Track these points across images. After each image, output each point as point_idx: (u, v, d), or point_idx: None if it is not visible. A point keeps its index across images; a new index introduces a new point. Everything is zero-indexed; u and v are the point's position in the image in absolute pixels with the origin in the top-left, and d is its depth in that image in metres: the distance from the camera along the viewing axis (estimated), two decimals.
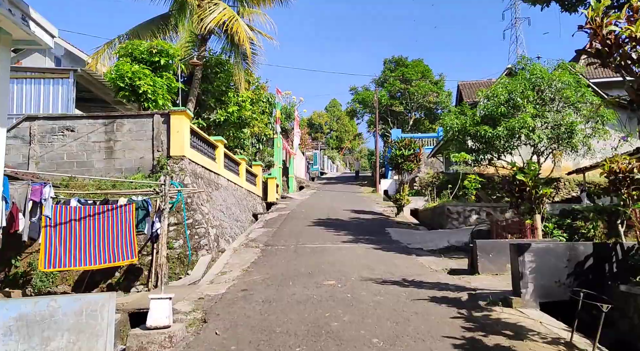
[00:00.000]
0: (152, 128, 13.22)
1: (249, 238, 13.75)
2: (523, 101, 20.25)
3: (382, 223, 16.51)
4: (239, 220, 16.98)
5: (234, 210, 16.80)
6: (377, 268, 8.97)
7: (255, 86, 22.75)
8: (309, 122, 71.05)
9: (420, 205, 20.06)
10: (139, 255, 11.69)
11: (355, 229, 14.81)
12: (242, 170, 20.13)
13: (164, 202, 10.49)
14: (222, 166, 16.91)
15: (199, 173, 14.19)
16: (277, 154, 30.05)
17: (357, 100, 42.30)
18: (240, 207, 18.15)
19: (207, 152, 15.46)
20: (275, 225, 16.14)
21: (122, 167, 13.26)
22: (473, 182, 17.31)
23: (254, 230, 15.58)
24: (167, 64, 15.37)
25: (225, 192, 16.65)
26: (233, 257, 11.37)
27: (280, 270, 9.41)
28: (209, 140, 15.69)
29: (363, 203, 25.96)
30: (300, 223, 16.18)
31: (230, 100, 20.12)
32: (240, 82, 20.53)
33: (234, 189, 18.40)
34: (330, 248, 11.37)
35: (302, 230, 14.42)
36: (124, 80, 14.06)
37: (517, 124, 19.02)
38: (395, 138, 21.32)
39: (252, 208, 20.64)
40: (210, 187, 14.96)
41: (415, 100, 41.36)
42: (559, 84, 20.14)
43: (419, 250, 11.18)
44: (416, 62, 42.23)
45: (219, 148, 16.65)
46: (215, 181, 15.92)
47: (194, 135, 14.19)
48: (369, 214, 19.08)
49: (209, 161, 15.42)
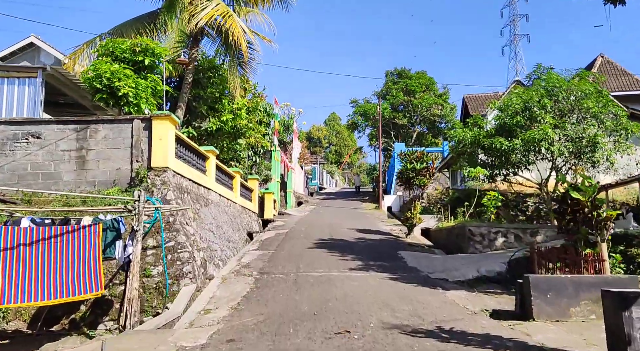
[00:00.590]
0: (131, 135, 11.47)
1: (242, 264, 11.89)
2: (540, 111, 18.68)
3: (392, 245, 14.69)
4: (232, 240, 15.13)
5: (225, 229, 14.96)
6: (400, 309, 7.14)
7: (252, 94, 21.05)
8: (308, 135, 69.56)
9: (432, 224, 18.27)
10: (108, 285, 9.85)
11: (363, 252, 12.98)
12: (237, 185, 18.33)
13: (137, 221, 8.69)
14: (213, 179, 15.12)
15: (185, 188, 12.38)
16: (274, 168, 28.28)
17: (358, 112, 40.70)
18: (233, 225, 16.31)
19: (195, 164, 13.68)
20: (271, 247, 14.29)
21: (96, 180, 11.46)
22: (492, 200, 15.53)
23: (248, 252, 13.72)
24: (153, 65, 13.68)
25: (216, 208, 14.82)
26: (221, 289, 9.51)
27: (278, 308, 7.56)
28: (199, 151, 13.92)
29: (366, 220, 24.13)
30: (300, 245, 14.34)
31: (224, 108, 18.43)
32: (235, 89, 18.88)
33: (227, 205, 16.58)
34: (337, 278, 9.53)
35: (303, 253, 12.58)
36: (102, 80, 12.35)
37: (537, 135, 17.38)
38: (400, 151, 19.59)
39: (247, 226, 18.78)
40: (198, 203, 13.15)
41: (419, 112, 39.77)
42: (579, 93, 18.50)
43: (443, 282, 9.35)
44: (419, 74, 40.77)
45: (209, 159, 14.88)
46: (204, 196, 14.11)
47: (180, 144, 12.42)
48: (376, 234, 17.25)
49: (198, 174, 13.63)
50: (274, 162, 28.32)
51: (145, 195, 8.95)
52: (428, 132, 44.30)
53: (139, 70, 13.58)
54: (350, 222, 22.44)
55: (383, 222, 23.73)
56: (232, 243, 15.12)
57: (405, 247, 14.41)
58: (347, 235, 16.57)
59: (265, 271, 10.61)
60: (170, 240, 10.40)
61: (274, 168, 28.23)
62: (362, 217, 25.66)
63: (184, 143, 12.69)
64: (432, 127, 43.94)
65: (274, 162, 28.33)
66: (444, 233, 15.57)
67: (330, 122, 77.07)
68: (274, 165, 28.32)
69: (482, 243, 12.62)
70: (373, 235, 16.91)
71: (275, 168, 28.32)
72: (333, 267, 10.75)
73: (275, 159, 28.43)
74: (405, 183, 16.24)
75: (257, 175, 23.00)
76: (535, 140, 17.93)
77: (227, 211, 16.21)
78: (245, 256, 13.03)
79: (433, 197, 24.79)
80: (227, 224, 15.41)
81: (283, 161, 32.30)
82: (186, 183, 12.64)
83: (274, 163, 28.33)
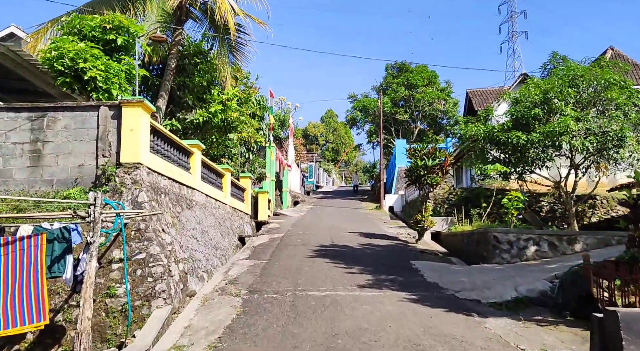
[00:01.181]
0: (97, 126, 9.61)
1: (229, 278, 10.03)
2: (561, 103, 16.97)
3: (402, 252, 12.90)
4: (220, 247, 13.29)
5: (212, 234, 13.11)
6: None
7: (245, 85, 19.17)
8: (304, 133, 67.71)
9: (442, 227, 16.51)
10: (62, 307, 8.00)
11: (371, 262, 11.18)
12: (227, 183, 16.48)
13: (92, 231, 6.84)
14: (198, 178, 13.27)
15: (162, 188, 10.52)
16: (269, 165, 26.43)
17: (357, 107, 38.81)
18: (222, 229, 14.46)
19: (177, 160, 11.82)
20: (265, 255, 12.45)
21: (54, 178, 9.58)
22: (514, 201, 13.74)
23: (237, 262, 11.88)
24: (127, 46, 11.79)
25: (201, 211, 12.97)
26: (200, 314, 7.67)
27: (271, 347, 5.74)
28: (181, 145, 12.07)
29: (369, 222, 22.34)
30: (298, 253, 12.51)
31: (213, 98, 16.56)
32: (225, 78, 17.03)
33: (215, 207, 14.73)
34: (345, 300, 7.72)
35: (301, 265, 10.75)
36: (64, 61, 10.45)
37: (559, 128, 15.66)
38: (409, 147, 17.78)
39: (239, 230, 16.94)
40: (179, 205, 11.29)
41: (421, 108, 37.94)
42: (602, 82, 16.76)
43: (476, 304, 7.57)
44: (421, 68, 38.91)
45: (194, 155, 13.03)
46: (188, 197, 12.25)
47: (157, 136, 10.57)
48: (382, 239, 15.45)
49: (179, 171, 11.78)
50: (269, 159, 26.47)
51: (104, 197, 7.08)
52: (429, 129, 42.53)
53: (111, 52, 11.71)
54: (351, 224, 20.65)
55: (386, 224, 21.95)
56: (221, 250, 13.28)
57: (417, 255, 12.62)
58: (350, 241, 14.77)
59: (255, 289, 8.76)
60: (141, 251, 8.55)
61: (269, 166, 26.38)
62: (363, 218, 23.88)
63: (162, 135, 10.83)
64: (433, 123, 42.17)
65: (269, 159, 26.48)
66: (460, 238, 13.79)
67: (327, 118, 75.18)
68: (269, 163, 26.46)
69: (509, 252, 10.84)
70: (379, 240, 15.11)
71: (270, 165, 26.46)
72: (338, 283, 8.94)
73: (270, 156, 26.58)
74: (415, 182, 14.42)
75: (250, 173, 21.15)
76: (556, 134, 16.24)
77: (215, 213, 14.37)
78: (233, 267, 11.18)
79: (440, 197, 23.04)
80: (214, 228, 13.57)
81: (278, 158, 30.45)
82: (165, 183, 10.78)
83: (269, 160, 26.47)
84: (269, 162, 26.43)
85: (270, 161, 26.68)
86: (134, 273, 8.32)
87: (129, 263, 8.42)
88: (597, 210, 21.46)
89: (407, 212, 27.52)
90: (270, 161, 26.50)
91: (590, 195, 18.91)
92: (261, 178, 27.05)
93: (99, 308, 8.05)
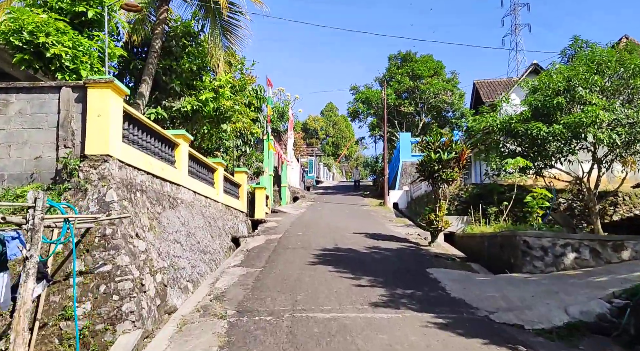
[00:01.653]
0: (58, 110, 8.07)
1: (215, 292, 8.50)
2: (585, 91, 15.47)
3: (416, 257, 11.38)
4: (209, 250, 11.77)
5: (201, 236, 11.59)
6: None
7: (240, 71, 17.59)
8: (304, 126, 66.08)
9: (457, 227, 14.99)
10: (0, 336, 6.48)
11: (381, 270, 9.67)
12: (219, 179, 14.94)
13: (30, 242, 5.31)
14: (185, 173, 11.73)
15: (139, 184, 8.98)
16: (267, 159, 24.86)
17: (359, 99, 37.13)
18: (212, 230, 12.94)
19: (158, 152, 10.29)
20: (259, 261, 10.92)
21: (4, 173, 8.05)
22: (539, 199, 12.21)
23: (227, 270, 10.35)
24: (100, 20, 10.21)
25: (188, 210, 11.44)
26: (175, 344, 6.14)
27: None
28: (163, 135, 10.53)
29: (373, 221, 20.82)
30: (297, 258, 10.99)
31: (204, 85, 15.00)
32: (218, 63, 15.46)
33: (205, 205, 13.20)
34: (356, 326, 6.20)
35: (301, 274, 9.22)
36: (22, 35, 8.88)
37: (586, 119, 14.17)
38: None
39: (232, 230, 15.42)
40: (160, 204, 9.76)
41: (426, 100, 36.28)
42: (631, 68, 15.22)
43: (520, 331, 6.05)
44: (426, 58, 37.22)
45: (180, 147, 11.49)
46: (171, 195, 10.72)
47: (132, 124, 9.03)
48: (391, 240, 13.93)
49: (161, 165, 10.24)
50: (267, 153, 24.90)
51: (46, 197, 5.54)
52: (434, 122, 40.91)
53: (81, 26, 10.14)
54: (354, 222, 19.14)
55: (392, 222, 20.45)
56: (210, 254, 11.76)
57: (433, 261, 11.10)
58: (356, 242, 13.25)
59: (245, 309, 7.22)
60: (106, 262, 7.02)
61: (267, 160, 24.82)
62: (367, 216, 22.36)
63: (138, 123, 9.27)
64: (438, 116, 40.54)
65: (267, 152, 24.91)
66: (479, 241, 12.27)
67: (327, 112, 73.52)
68: (267, 157, 24.89)
69: (543, 260, 9.32)
70: (387, 242, 13.59)
71: (267, 159, 24.90)
72: (346, 300, 7.43)
73: (268, 149, 25.00)
74: (428, 178, 12.88)
75: (245, 168, 19.59)
76: (582, 125, 14.73)
77: (204, 213, 12.84)
78: (222, 277, 9.64)
79: (449, 194, 21.54)
80: (203, 230, 12.04)
81: (277, 152, 28.90)
82: (142, 178, 9.24)
83: (267, 154, 24.90)
84: (267, 155, 24.86)
85: (268, 155, 25.11)
86: (96, 290, 6.80)
87: (90, 278, 6.90)
88: (619, 208, 19.96)
89: (412, 209, 26.00)
90: (268, 155, 24.93)
91: (615, 191, 17.46)
92: (258, 173, 25.52)
93: (52, 334, 6.53)
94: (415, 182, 28.00)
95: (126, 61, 13.48)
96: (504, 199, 19.26)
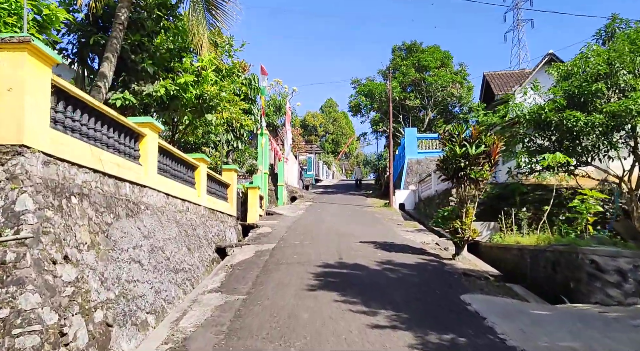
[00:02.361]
0: None
1: (175, 336, 6.15)
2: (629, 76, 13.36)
3: (441, 276, 9.05)
4: (183, 268, 9.44)
5: (171, 250, 9.25)
6: None
7: (228, 53, 15.23)
8: (303, 123, 63.64)
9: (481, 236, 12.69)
10: None
11: (402, 298, 7.37)
12: (201, 178, 12.62)
13: None
14: (152, 170, 9.40)
15: (77, 186, 6.64)
16: (261, 156, 22.52)
17: (362, 92, 34.72)
18: (189, 240, 10.61)
19: (112, 143, 7.96)
20: (243, 285, 8.58)
21: None
22: (591, 203, 9.89)
23: (200, 299, 7.99)
24: None
25: (155, 218, 9.11)
26: None
27: None
28: (121, 122, 8.20)
29: (380, 224, 18.54)
30: (293, 279, 8.67)
31: (183, 67, 12.64)
32: (201, 43, 13.09)
33: (181, 210, 10.88)
34: None
35: (297, 307, 6.87)
36: None
37: (635, 107, 12.07)
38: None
39: (217, 238, 13.10)
40: (112, 212, 7.43)
41: (433, 93, 33.88)
42: None
43: None
44: (432, 48, 34.81)
45: (146, 138, 9.16)
46: (132, 199, 8.39)
47: (69, 104, 6.70)
48: (405, 251, 11.62)
49: (117, 161, 7.92)
50: (262, 149, 22.55)
51: None
52: (440, 117, 38.56)
53: None
54: (359, 227, 16.83)
55: (401, 227, 18.15)
56: (185, 272, 9.43)
57: (464, 282, 8.79)
58: (364, 255, 10.95)
59: None
60: (2, 305, 4.68)
61: (261, 157, 22.48)
62: (372, 219, 20.06)
63: (80, 103, 6.93)
64: (444, 111, 38.18)
65: (261, 148, 22.56)
66: (517, 255, 9.97)
67: (326, 108, 71.13)
68: (261, 153, 22.55)
69: (620, 288, 7.01)
70: (402, 254, 11.27)
71: (262, 156, 22.56)
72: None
73: (262, 145, 22.65)
74: (453, 177, 10.57)
75: (235, 165, 17.24)
76: (629, 114, 12.62)
77: (179, 219, 10.50)
78: (192, 309, 7.29)
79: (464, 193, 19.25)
80: (176, 241, 9.70)
81: (273, 148, 26.56)
82: (84, 178, 6.90)
83: (261, 150, 22.56)
84: (262, 152, 22.52)
85: (263, 151, 22.78)
86: None
87: None
88: None
89: (421, 211, 23.70)
90: (262, 151, 22.59)
91: None
92: (252, 172, 23.20)
93: None
94: (424, 181, 25.74)
95: (86, 34, 11.13)
96: (528, 201, 16.99)
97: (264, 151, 22.84)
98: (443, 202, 20.18)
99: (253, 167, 23.15)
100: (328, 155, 64.84)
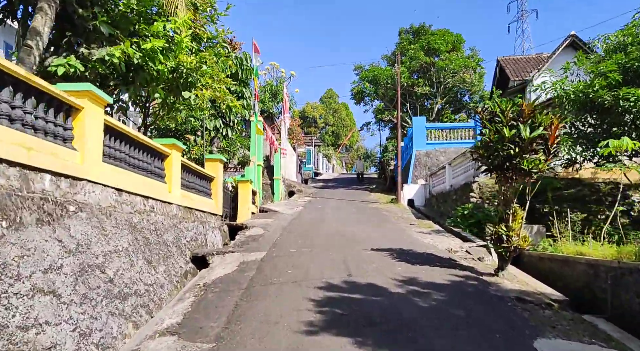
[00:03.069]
0: None
1: None
2: None
3: (490, 306, 6.52)
4: (135, 290, 6.90)
5: (118, 266, 6.72)
6: None
7: (211, 18, 12.59)
8: (302, 114, 60.91)
9: None
10: None
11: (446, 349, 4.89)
12: (172, 169, 10.06)
13: None
14: (94, 158, 6.83)
15: None
16: (254, 145, 19.94)
17: (366, 78, 32.02)
18: (151, 250, 8.06)
19: (20, 117, 5.40)
20: (213, 321, 6.04)
21: None
22: None
23: (144, 348, 5.45)
24: None
25: (95, 223, 6.55)
26: None
27: None
28: (35, 84, 5.62)
29: (390, 224, 16.03)
30: (284, 311, 6.16)
31: (153, 31, 10.01)
32: (176, 4, 10.59)
33: (140, 210, 8.31)
34: None
35: None
36: None
37: None
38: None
39: (194, 244, 10.56)
40: (8, 219, 4.85)
41: (443, 79, 31.21)
42: None
43: None
44: (443, 31, 32.13)
45: (82, 113, 6.61)
46: (54, 198, 5.85)
47: None
48: (430, 263, 9.11)
49: (29, 143, 5.41)
50: (254, 137, 19.95)
51: None
52: (449, 106, 35.96)
53: None
54: (367, 227, 14.33)
55: (415, 227, 15.63)
56: (139, 296, 6.89)
57: (526, 316, 6.28)
58: (379, 269, 8.43)
59: None
60: None
61: (254, 147, 19.89)
62: (380, 218, 17.56)
63: None
64: (453, 99, 35.59)
65: (254, 137, 19.96)
66: (585, 271, 7.45)
67: (326, 99, 68.38)
68: (254, 142, 19.96)
69: None
70: (427, 267, 8.76)
71: (256, 146, 19.98)
72: None
73: (256, 133, 20.06)
74: (498, 168, 8.03)
75: (221, 155, 14.67)
76: None
77: (136, 224, 7.94)
78: None
79: (487, 188, 16.76)
80: (127, 255, 7.15)
81: (268, 138, 23.97)
82: None
83: (254, 138, 19.96)
84: (255, 141, 19.93)
85: (257, 140, 20.20)
86: None
87: None
88: None
89: (434, 208, 21.18)
90: (256, 140, 20.00)
91: None
92: (245, 163, 20.64)
93: None
94: (436, 174, 23.24)
95: None
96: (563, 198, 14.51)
97: (258, 140, 20.27)
98: (462, 198, 17.65)
99: (245, 158, 20.60)
100: (328, 148, 62.23)
